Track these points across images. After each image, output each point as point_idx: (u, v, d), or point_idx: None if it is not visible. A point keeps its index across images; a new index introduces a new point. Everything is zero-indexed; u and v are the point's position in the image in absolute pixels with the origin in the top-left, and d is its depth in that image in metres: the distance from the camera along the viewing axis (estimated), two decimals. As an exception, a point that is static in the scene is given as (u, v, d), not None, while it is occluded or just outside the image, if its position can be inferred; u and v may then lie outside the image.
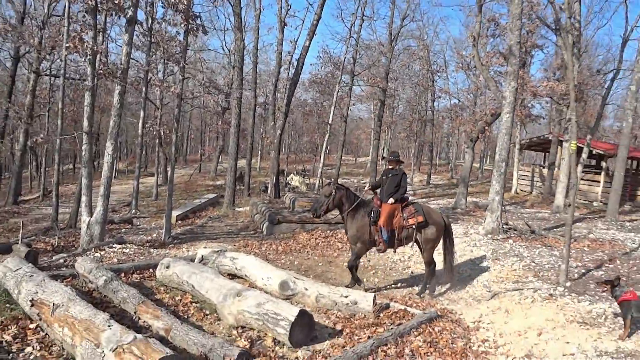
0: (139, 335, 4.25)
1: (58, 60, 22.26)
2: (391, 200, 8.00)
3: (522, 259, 9.87)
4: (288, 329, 5.19)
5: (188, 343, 4.88)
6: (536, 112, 25.65)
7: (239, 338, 5.44)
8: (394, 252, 8.58)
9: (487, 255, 10.46)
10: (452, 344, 5.82)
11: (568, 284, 7.83)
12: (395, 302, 7.11)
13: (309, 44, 19.46)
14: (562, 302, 7.03)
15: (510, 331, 6.27)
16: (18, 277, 5.86)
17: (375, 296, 6.59)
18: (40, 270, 7.78)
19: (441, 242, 8.51)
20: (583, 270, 8.83)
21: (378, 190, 8.53)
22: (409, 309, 6.78)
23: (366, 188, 9.08)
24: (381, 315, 6.44)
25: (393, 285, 9.19)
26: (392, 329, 5.86)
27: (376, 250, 8.35)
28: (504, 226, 12.91)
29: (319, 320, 5.98)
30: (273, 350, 5.22)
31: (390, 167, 8.44)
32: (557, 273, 8.45)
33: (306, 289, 6.80)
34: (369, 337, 5.62)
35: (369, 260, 10.86)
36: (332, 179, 8.82)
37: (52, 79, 26.33)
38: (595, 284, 7.50)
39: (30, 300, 5.34)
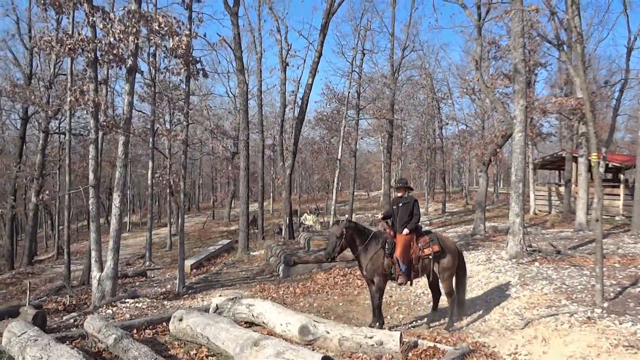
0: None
1: (66, 119, 22.51)
2: (406, 230, 7.65)
3: (552, 282, 9.38)
4: (311, 378, 4.81)
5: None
6: (545, 130, 25.27)
7: (260, 392, 5.06)
8: (411, 284, 8.15)
9: (514, 281, 9.97)
10: (489, 380, 5.38)
11: (605, 304, 7.35)
12: (423, 339, 6.67)
13: (312, 81, 19.47)
14: (603, 325, 6.55)
15: (551, 362, 5.82)
16: (22, 342, 5.55)
17: (401, 334, 6.17)
18: (50, 331, 7.52)
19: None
20: (619, 289, 8.34)
21: (389, 221, 8.19)
22: (438, 345, 6.33)
23: (379, 217, 8.66)
24: (410, 354, 6.01)
25: (419, 321, 8.72)
26: (422, 369, 5.44)
27: (397, 284, 7.97)
28: (528, 249, 12.42)
29: (344, 365, 5.59)
30: (296, 403, 4.83)
31: (399, 194, 8.12)
32: (592, 294, 7.97)
33: (327, 332, 6.40)
34: (399, 380, 5.21)
35: (391, 296, 10.43)
36: (341, 218, 8.38)
37: (61, 136, 26.58)
38: (635, 302, 7.03)
39: (35, 367, 5.02)
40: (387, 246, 7.63)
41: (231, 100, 35.18)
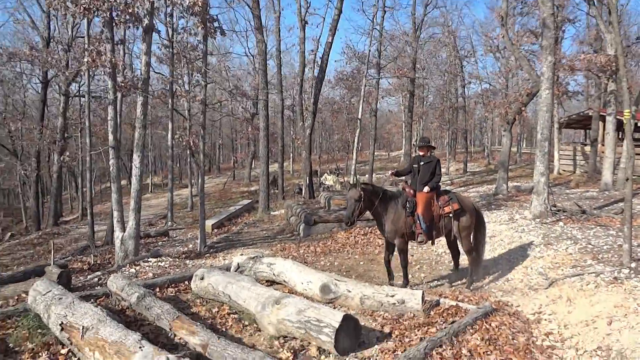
0: (172, 356, 3.91)
1: (85, 81, 22.53)
2: (427, 188, 7.55)
3: (577, 242, 9.21)
4: (333, 336, 4.78)
5: (227, 359, 4.52)
6: (571, 89, 24.56)
7: (281, 349, 5.06)
8: (432, 243, 8.06)
9: (538, 241, 9.83)
10: (512, 339, 5.31)
11: (633, 264, 7.17)
12: (445, 298, 6.62)
13: (332, 39, 19.06)
14: (630, 285, 6.40)
15: (576, 322, 5.70)
16: (47, 301, 5.62)
17: (424, 293, 6.13)
18: (75, 290, 7.64)
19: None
20: (647, 249, 8.14)
21: (408, 180, 8.13)
22: (461, 304, 6.28)
23: (389, 173, 8.52)
24: (432, 313, 5.97)
25: (441, 280, 8.67)
26: (445, 328, 5.38)
27: (417, 243, 7.82)
28: (552, 208, 12.21)
29: (365, 324, 5.56)
30: (318, 360, 4.83)
31: (421, 153, 7.97)
32: (619, 254, 7.80)
33: (349, 291, 6.38)
34: (421, 339, 5.16)
35: (412, 255, 10.36)
36: (360, 178, 8.22)
37: (82, 99, 26.67)
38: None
39: (60, 324, 5.08)
40: (408, 205, 7.53)
41: (250, 61, 34.81)
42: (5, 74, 26.73)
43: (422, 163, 7.79)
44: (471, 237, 8.03)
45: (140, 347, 4.17)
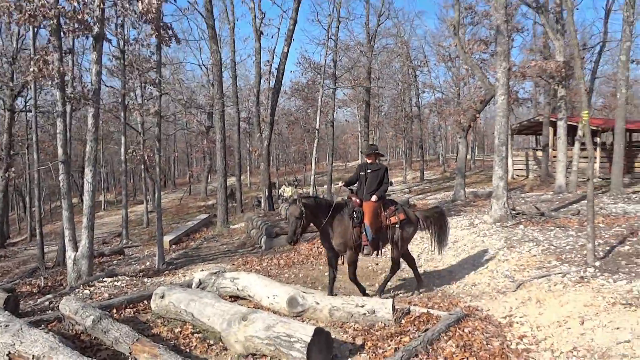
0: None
1: (32, 98, 21.69)
2: (374, 197, 7.26)
3: (539, 244, 9.28)
4: (305, 352, 4.56)
5: (193, 382, 4.24)
6: (520, 96, 25.26)
7: (250, 368, 4.80)
8: (378, 254, 7.65)
9: (501, 244, 9.86)
10: (487, 344, 5.20)
11: (597, 263, 7.24)
12: (415, 305, 6.49)
13: (288, 50, 18.94)
14: (597, 284, 6.43)
15: (548, 323, 5.65)
16: (-7, 328, 5.17)
17: (394, 302, 5.98)
18: (24, 315, 7.15)
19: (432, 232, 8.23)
20: (608, 248, 8.24)
21: (353, 188, 7.73)
22: (432, 311, 6.17)
23: (340, 184, 7.96)
24: (403, 322, 5.82)
25: (408, 286, 8.55)
26: (419, 336, 5.23)
27: (363, 255, 7.38)
28: (512, 212, 12.35)
29: (335, 336, 5.35)
30: (290, 379, 4.59)
31: (369, 161, 7.59)
32: (582, 254, 7.89)
33: (317, 303, 6.17)
34: (395, 349, 5.01)
35: (377, 264, 10.25)
36: (296, 195, 7.77)
37: (28, 114, 25.59)
38: (626, 260, 6.93)
39: (7, 355, 4.66)
40: (355, 215, 7.10)
41: (204, 73, 34.33)
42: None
43: (369, 171, 7.49)
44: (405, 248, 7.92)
45: (97, 375, 3.83)
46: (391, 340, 5.30)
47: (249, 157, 41.18)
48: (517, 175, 26.06)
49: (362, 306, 5.92)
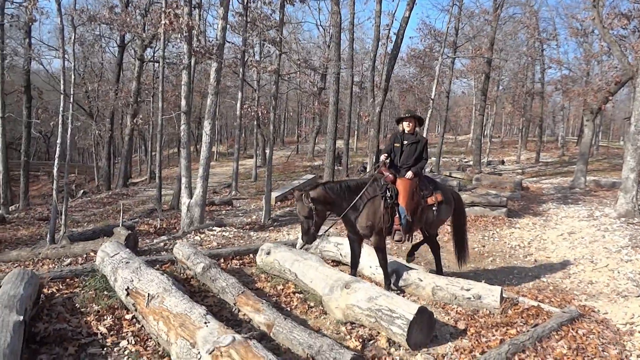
0: (238, 337, 3.67)
1: (161, 49, 22.91)
2: (410, 173, 6.13)
3: (672, 247, 8.41)
4: (405, 329, 4.43)
5: (292, 342, 4.28)
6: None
7: (349, 337, 4.76)
8: (410, 240, 6.40)
9: (625, 242, 9.08)
10: (603, 351, 4.77)
11: None
12: (524, 296, 6.12)
13: (409, 14, 18.30)
14: None
15: (679, 337, 5.09)
16: (115, 263, 5.55)
17: (502, 290, 5.67)
18: (141, 253, 7.65)
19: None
20: None
21: (382, 161, 6.41)
22: (542, 305, 5.79)
23: (383, 157, 6.37)
24: (510, 312, 5.50)
25: (516, 275, 8.11)
26: (528, 331, 4.91)
27: (393, 240, 6.22)
28: (640, 208, 11.30)
29: (437, 316, 5.17)
30: (389, 353, 4.49)
31: (406, 129, 6.38)
32: None
33: (420, 280, 6.00)
34: (501, 341, 4.73)
35: (483, 246, 9.84)
36: (301, 190, 5.94)
37: (156, 65, 27.17)
38: None
39: (125, 289, 4.98)
40: (388, 193, 5.97)
41: (321, 34, 34.36)
42: (85, 36, 27.48)
43: (405, 142, 6.34)
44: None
45: (205, 323, 3.97)
46: (496, 330, 5.03)
47: (357, 121, 41.04)
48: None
49: (468, 290, 5.67)
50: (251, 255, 7.28)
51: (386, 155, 6.39)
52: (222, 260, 7.05)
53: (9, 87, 23.88)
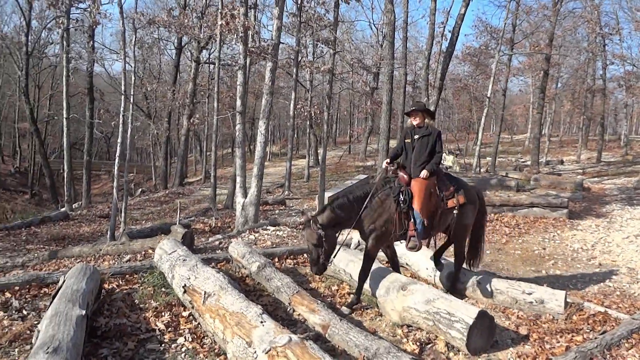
0: (295, 337, 3.63)
1: (216, 51, 23.34)
2: (424, 172, 5.42)
3: None
4: (465, 333, 4.28)
5: (349, 344, 4.21)
6: None
7: (406, 340, 4.65)
8: (427, 246, 5.94)
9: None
10: (681, 364, 4.46)
11: None
12: (589, 301, 5.82)
13: (465, 11, 17.91)
14: None
15: None
16: (172, 261, 5.64)
17: (566, 295, 5.40)
18: (197, 251, 7.76)
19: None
20: None
21: (399, 161, 5.84)
22: (610, 311, 5.48)
23: (385, 162, 5.79)
24: (574, 318, 5.23)
25: (580, 279, 7.75)
26: (595, 338, 4.65)
27: (407, 248, 5.53)
28: None
29: (497, 321, 4.97)
30: (447, 358, 4.36)
31: (415, 122, 5.71)
32: None
33: (479, 283, 5.80)
34: (566, 348, 4.50)
35: (544, 249, 9.46)
36: (306, 213, 5.20)
37: (211, 66, 27.77)
38: None
39: (183, 286, 5.04)
40: (401, 196, 5.35)
41: (373, 34, 34.18)
42: (144, 39, 28.35)
43: (416, 137, 5.65)
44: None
45: (261, 322, 3.95)
46: (561, 337, 4.79)
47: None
48: None
49: (530, 293, 5.45)
50: (305, 255, 7.25)
51: (388, 161, 5.78)
52: (276, 259, 7.06)
53: (73, 89, 24.97)
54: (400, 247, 6.65)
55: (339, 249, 5.48)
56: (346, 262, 6.10)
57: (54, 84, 37.85)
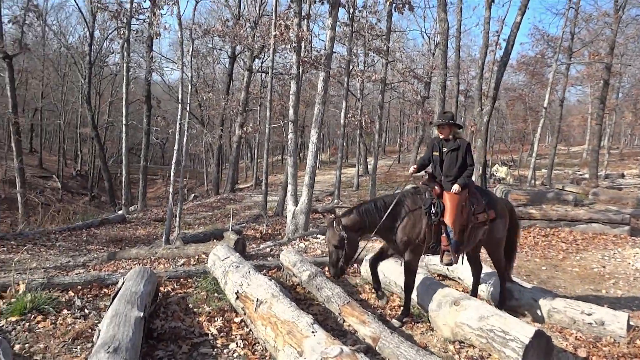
0: (346, 349, 3.63)
1: (268, 60, 23.71)
2: (456, 187, 5.27)
3: None
4: (520, 353, 4.16)
5: (399, 358, 4.15)
6: None
7: (458, 356, 4.58)
8: (456, 262, 5.52)
9: None
10: None
11: None
12: (654, 324, 5.56)
13: (521, 19, 17.48)
14: None
15: None
16: (225, 267, 5.75)
17: (629, 317, 5.18)
18: (249, 257, 7.87)
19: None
20: None
21: (422, 173, 5.80)
22: (679, 337, 5.21)
23: (410, 171, 5.71)
24: (638, 342, 5.00)
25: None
26: (662, 365, 4.45)
27: (442, 264, 5.49)
28: None
29: (553, 341, 4.81)
30: (501, 377, 4.25)
31: (442, 136, 5.57)
32: None
33: (535, 300, 5.64)
34: (628, 374, 4.32)
35: (604, 267, 9.08)
36: (332, 216, 4.94)
37: (263, 75, 28.22)
38: None
39: (235, 293, 5.13)
40: (433, 208, 5.25)
41: (425, 42, 33.88)
42: (199, 49, 29.14)
43: (445, 150, 5.52)
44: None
45: (312, 332, 3.96)
46: (622, 362, 4.60)
47: (462, 131, 39.92)
48: None
49: (589, 314, 5.25)
50: (355, 266, 7.23)
51: (415, 167, 5.67)
52: (326, 268, 7.06)
53: (131, 97, 25.88)
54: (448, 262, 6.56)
55: (359, 253, 5.38)
56: (397, 274, 6.05)
57: (114, 91, 39.51)
